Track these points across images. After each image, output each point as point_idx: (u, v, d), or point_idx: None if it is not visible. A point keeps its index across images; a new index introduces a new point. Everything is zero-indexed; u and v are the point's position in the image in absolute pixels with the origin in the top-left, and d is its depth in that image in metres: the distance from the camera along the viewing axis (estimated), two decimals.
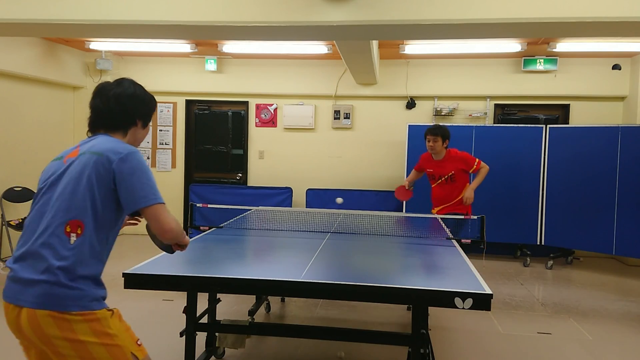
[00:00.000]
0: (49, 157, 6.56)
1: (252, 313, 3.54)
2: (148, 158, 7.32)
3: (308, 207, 6.81)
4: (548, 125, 6.09)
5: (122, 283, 2.31)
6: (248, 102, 7.25)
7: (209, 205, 3.91)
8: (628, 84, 6.43)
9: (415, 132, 6.15)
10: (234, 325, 2.80)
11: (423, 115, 6.90)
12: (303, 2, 3.50)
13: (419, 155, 4.90)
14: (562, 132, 6.01)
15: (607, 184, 5.68)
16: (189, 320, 2.81)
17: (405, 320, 4.08)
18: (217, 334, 2.90)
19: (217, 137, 7.38)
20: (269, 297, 4.32)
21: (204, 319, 3.12)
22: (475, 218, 3.87)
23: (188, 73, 7.14)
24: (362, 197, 6.76)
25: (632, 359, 3.42)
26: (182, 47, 6.41)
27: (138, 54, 7.07)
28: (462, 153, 4.60)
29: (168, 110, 7.34)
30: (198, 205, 3.84)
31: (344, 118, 7.02)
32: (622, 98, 6.56)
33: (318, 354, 3.36)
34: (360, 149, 7.07)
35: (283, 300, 4.51)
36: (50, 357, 1.71)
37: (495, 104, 6.84)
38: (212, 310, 3.24)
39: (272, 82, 7.02)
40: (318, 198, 6.85)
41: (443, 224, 4.07)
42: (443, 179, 4.53)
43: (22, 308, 1.66)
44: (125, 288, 2.29)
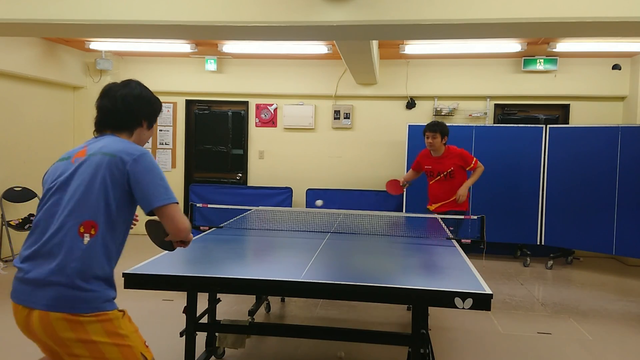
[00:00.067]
0: (49, 157, 6.56)
1: (252, 313, 3.53)
2: None
3: (308, 207, 6.81)
4: (548, 125, 6.09)
5: (122, 283, 2.31)
6: (248, 102, 7.25)
7: (209, 205, 3.91)
8: (628, 84, 6.43)
9: (416, 132, 6.14)
10: (234, 325, 2.80)
11: (423, 115, 6.90)
12: (303, 2, 3.50)
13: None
14: (562, 132, 6.01)
15: (607, 184, 5.68)
16: (189, 320, 2.81)
17: (405, 320, 4.08)
18: (217, 334, 2.90)
19: (217, 137, 7.38)
20: (269, 297, 4.32)
21: (204, 319, 3.12)
22: (475, 218, 3.87)
23: (188, 73, 7.14)
24: (362, 197, 6.76)
25: (632, 359, 3.42)
26: (182, 47, 6.41)
27: (138, 54, 7.07)
28: (460, 150, 4.60)
29: (168, 110, 7.34)
30: (198, 205, 3.83)
31: (344, 118, 7.03)
32: (622, 98, 6.56)
33: (318, 354, 3.36)
34: (360, 149, 7.07)
35: (283, 300, 4.51)
36: (62, 355, 1.71)
37: (495, 104, 6.84)
38: (212, 310, 3.24)
39: (272, 82, 7.02)
40: (318, 198, 6.84)
41: (443, 224, 4.07)
42: (442, 176, 4.53)
43: (32, 310, 1.65)
44: (125, 288, 2.29)
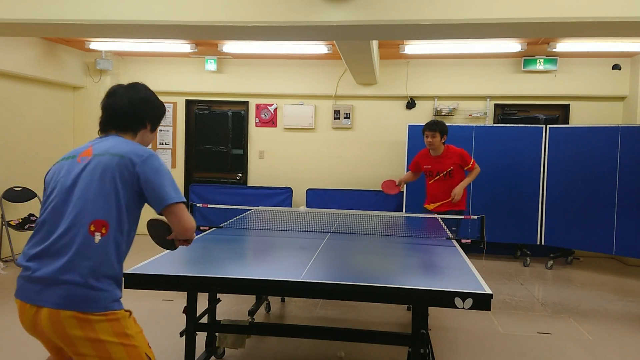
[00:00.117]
0: (49, 157, 6.56)
1: (252, 313, 3.53)
2: None
3: (308, 207, 6.80)
4: (548, 125, 6.09)
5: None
6: (248, 102, 7.25)
7: (209, 205, 3.91)
8: (628, 84, 6.43)
9: (416, 132, 6.14)
10: (234, 325, 2.80)
11: (423, 115, 6.89)
12: (303, 2, 3.50)
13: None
14: (562, 132, 6.01)
15: (607, 184, 5.68)
16: (189, 320, 2.81)
17: (405, 320, 4.08)
18: (217, 334, 2.90)
19: (217, 137, 7.38)
20: (269, 297, 4.32)
21: (204, 319, 3.12)
22: (475, 218, 3.87)
23: (188, 73, 7.14)
24: (362, 197, 6.76)
25: (632, 359, 3.42)
26: (182, 47, 6.41)
27: (138, 54, 7.07)
28: (460, 149, 4.60)
29: (168, 110, 7.34)
30: (198, 205, 3.83)
31: (344, 118, 7.02)
32: (622, 98, 6.56)
33: (318, 354, 3.36)
34: (360, 149, 7.07)
35: (283, 300, 4.51)
36: (68, 353, 1.72)
37: (495, 104, 6.84)
38: (212, 310, 3.24)
39: (272, 82, 7.02)
40: (318, 198, 6.85)
41: (443, 224, 4.07)
42: (441, 175, 4.52)
43: (41, 308, 1.66)
44: (125, 288, 2.29)
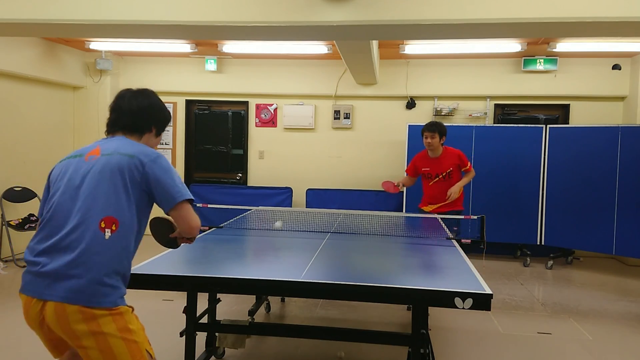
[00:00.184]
0: (49, 157, 6.56)
1: (252, 313, 3.54)
2: None
3: (308, 207, 6.81)
4: (548, 125, 6.09)
5: None
6: (248, 102, 7.25)
7: (209, 205, 3.91)
8: (628, 84, 6.43)
9: (415, 132, 6.14)
10: (234, 325, 2.80)
11: (423, 115, 6.90)
12: (303, 2, 3.50)
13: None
14: (562, 132, 6.01)
15: (607, 184, 5.68)
16: (189, 320, 2.81)
17: (405, 320, 4.08)
18: (217, 334, 2.90)
19: (217, 137, 7.38)
20: (269, 297, 4.32)
21: (204, 319, 3.12)
22: (475, 218, 3.87)
23: (188, 73, 7.14)
24: (362, 197, 6.76)
25: (632, 359, 3.42)
26: (182, 47, 6.41)
27: (138, 54, 7.07)
28: (458, 150, 4.59)
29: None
30: (198, 205, 3.83)
31: (344, 118, 7.02)
32: (622, 98, 6.56)
33: (318, 354, 3.36)
34: (360, 149, 7.07)
35: (283, 300, 4.51)
36: (72, 346, 1.75)
37: (495, 104, 6.84)
38: (212, 310, 3.24)
39: (272, 82, 7.02)
40: (318, 198, 6.85)
41: (443, 224, 4.07)
42: (441, 176, 4.51)
43: (47, 302, 1.68)
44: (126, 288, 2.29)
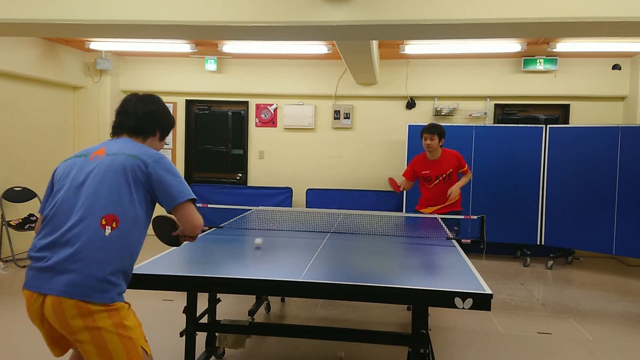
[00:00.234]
0: (49, 157, 6.56)
1: (252, 313, 3.54)
2: None
3: (308, 207, 6.81)
4: (548, 125, 6.09)
5: None
6: (248, 102, 7.25)
7: (209, 205, 3.91)
8: (628, 84, 6.43)
9: (415, 132, 6.13)
10: (234, 325, 2.80)
11: (423, 115, 6.90)
12: (303, 2, 3.50)
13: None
14: (562, 132, 6.01)
15: (607, 184, 5.68)
16: (189, 320, 2.81)
17: (405, 320, 4.08)
18: (217, 334, 2.90)
19: (217, 137, 7.38)
20: (269, 297, 4.32)
21: (204, 319, 3.12)
22: (475, 218, 3.87)
23: (188, 73, 7.14)
24: (362, 197, 6.76)
25: (632, 359, 3.42)
26: (182, 47, 6.41)
27: (138, 54, 7.07)
28: (455, 151, 4.59)
29: None
30: (198, 205, 3.83)
31: (344, 118, 7.02)
32: (622, 98, 6.56)
33: (318, 354, 3.36)
34: (360, 149, 7.07)
35: (283, 300, 4.51)
36: (69, 340, 1.79)
37: (495, 104, 6.84)
38: (212, 310, 3.24)
39: (272, 82, 7.02)
40: (318, 198, 6.85)
41: (443, 224, 4.07)
42: (441, 178, 4.51)
43: (46, 296, 1.71)
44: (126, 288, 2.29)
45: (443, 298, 2.10)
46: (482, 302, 2.06)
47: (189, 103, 7.38)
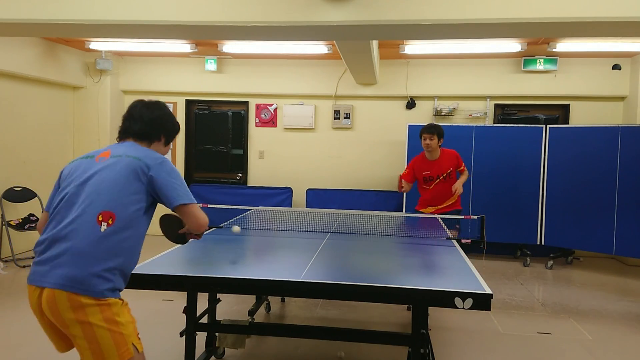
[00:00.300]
0: (49, 157, 6.56)
1: (252, 313, 3.53)
2: None
3: (308, 207, 6.81)
4: (548, 125, 6.09)
5: None
6: (248, 102, 7.25)
7: (209, 205, 3.91)
8: (628, 84, 6.43)
9: (415, 132, 6.12)
10: (234, 325, 2.80)
11: (423, 115, 6.90)
12: (303, 2, 3.50)
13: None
14: (562, 132, 6.01)
15: (607, 184, 5.68)
16: (189, 320, 2.81)
17: (405, 320, 4.08)
18: (217, 334, 2.90)
19: (217, 137, 7.38)
20: (269, 297, 4.32)
21: (204, 319, 3.12)
22: (475, 218, 3.87)
23: (188, 73, 7.14)
24: (362, 197, 6.76)
25: (632, 359, 3.42)
26: (182, 47, 6.41)
27: (138, 54, 7.07)
28: (453, 150, 4.59)
29: None
30: (199, 206, 3.83)
31: (344, 118, 7.02)
32: (622, 98, 6.56)
33: (318, 354, 3.36)
34: (360, 149, 7.07)
35: (283, 300, 4.51)
36: (65, 334, 1.82)
37: (495, 104, 6.84)
38: (212, 310, 3.24)
39: (272, 82, 7.02)
40: (318, 198, 6.85)
41: (443, 224, 4.07)
42: (441, 178, 4.51)
43: (43, 289, 1.76)
44: (126, 288, 2.28)
45: (443, 298, 2.10)
46: (482, 302, 2.06)
47: (189, 103, 7.38)
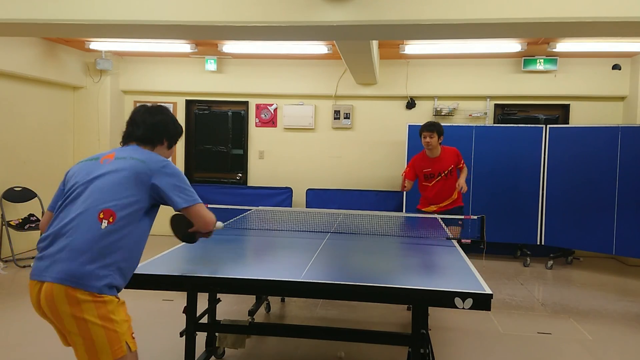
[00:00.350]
0: (49, 157, 6.56)
1: (252, 313, 3.53)
2: None
3: (308, 207, 6.81)
4: (548, 125, 6.09)
5: None
6: (248, 102, 7.25)
7: (209, 205, 3.89)
8: (628, 84, 6.43)
9: (415, 132, 6.10)
10: (234, 325, 2.80)
11: (423, 115, 6.89)
12: (303, 2, 3.50)
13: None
14: (562, 132, 6.01)
15: (607, 184, 5.68)
16: (189, 320, 2.81)
17: (405, 320, 4.08)
18: (217, 334, 2.91)
19: (217, 137, 7.38)
20: (269, 297, 4.32)
21: (204, 319, 3.12)
22: (475, 218, 3.87)
23: (188, 73, 7.14)
24: (362, 197, 6.76)
25: (632, 359, 3.42)
26: (182, 47, 6.41)
27: (138, 54, 7.07)
28: (454, 148, 4.59)
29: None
30: None
31: (344, 118, 7.02)
32: (622, 98, 6.56)
33: (318, 354, 3.36)
34: (360, 149, 7.07)
35: (283, 300, 4.51)
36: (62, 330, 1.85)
37: (495, 104, 6.84)
38: (212, 310, 3.24)
39: (272, 82, 7.02)
40: (318, 198, 6.85)
41: (443, 224, 4.07)
42: (443, 175, 4.50)
43: (43, 283, 1.78)
44: (126, 288, 2.28)
45: (443, 298, 2.10)
46: (482, 302, 2.06)
47: (189, 103, 7.38)
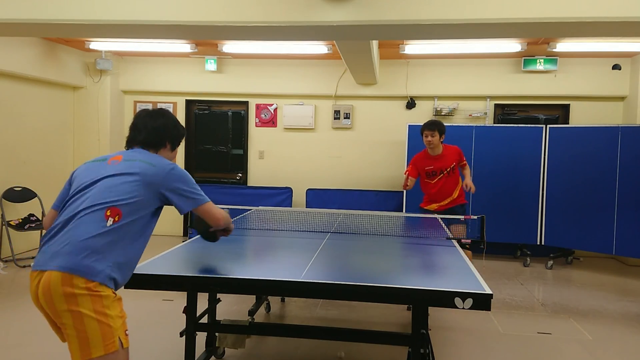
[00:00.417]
0: (49, 157, 6.57)
1: (252, 313, 3.53)
2: None
3: (308, 207, 6.81)
4: (548, 125, 6.09)
5: None
6: (248, 102, 7.25)
7: None
8: (628, 84, 6.43)
9: (416, 132, 6.10)
10: (234, 325, 2.80)
11: (423, 115, 6.89)
12: (303, 2, 3.50)
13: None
14: (562, 132, 6.01)
15: (607, 184, 5.68)
16: (189, 320, 2.81)
17: (405, 320, 4.08)
18: (217, 334, 2.91)
19: (217, 137, 7.38)
20: (269, 297, 4.32)
21: (204, 319, 3.12)
22: (475, 218, 3.87)
23: (188, 73, 7.14)
24: (362, 197, 6.76)
25: (632, 359, 3.42)
26: (182, 47, 6.41)
27: (138, 54, 7.07)
28: (456, 146, 4.60)
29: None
30: None
31: (344, 118, 7.02)
32: (622, 98, 6.56)
33: (318, 354, 3.36)
34: (360, 149, 7.07)
35: (283, 300, 4.51)
36: (57, 323, 1.86)
37: (495, 104, 6.84)
38: (212, 310, 3.24)
39: (272, 82, 7.02)
40: (318, 198, 6.85)
41: (443, 224, 4.07)
42: (445, 172, 4.50)
43: (43, 272, 1.81)
44: (125, 288, 2.28)
45: (443, 298, 2.10)
46: (482, 302, 2.06)
47: (189, 103, 7.38)
